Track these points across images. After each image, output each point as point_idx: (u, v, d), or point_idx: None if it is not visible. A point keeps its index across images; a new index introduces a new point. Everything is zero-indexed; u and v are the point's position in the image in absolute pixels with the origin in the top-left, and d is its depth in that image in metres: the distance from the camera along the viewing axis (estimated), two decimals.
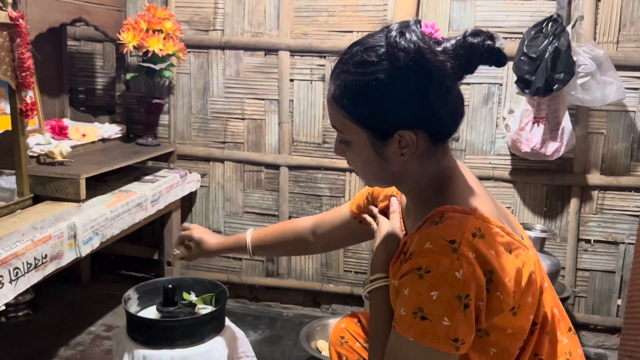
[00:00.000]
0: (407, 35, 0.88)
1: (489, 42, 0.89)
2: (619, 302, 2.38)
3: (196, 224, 1.58)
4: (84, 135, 2.16)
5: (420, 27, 0.91)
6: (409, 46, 0.88)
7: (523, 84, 2.09)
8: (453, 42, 0.91)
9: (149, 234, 2.67)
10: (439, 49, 0.90)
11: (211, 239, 1.51)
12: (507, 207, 2.37)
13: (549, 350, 1.00)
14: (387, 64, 0.89)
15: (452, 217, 0.91)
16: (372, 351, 1.06)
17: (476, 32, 0.89)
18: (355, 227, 1.36)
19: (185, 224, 1.57)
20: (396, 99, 0.90)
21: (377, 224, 1.19)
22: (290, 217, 2.56)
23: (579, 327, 2.43)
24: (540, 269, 0.99)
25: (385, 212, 1.21)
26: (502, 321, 0.91)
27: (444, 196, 0.96)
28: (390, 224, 1.15)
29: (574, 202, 2.33)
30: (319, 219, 1.44)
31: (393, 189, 1.22)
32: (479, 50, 0.89)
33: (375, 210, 1.23)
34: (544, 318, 0.98)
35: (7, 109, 1.67)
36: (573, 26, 2.07)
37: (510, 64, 2.21)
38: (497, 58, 0.90)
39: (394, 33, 0.89)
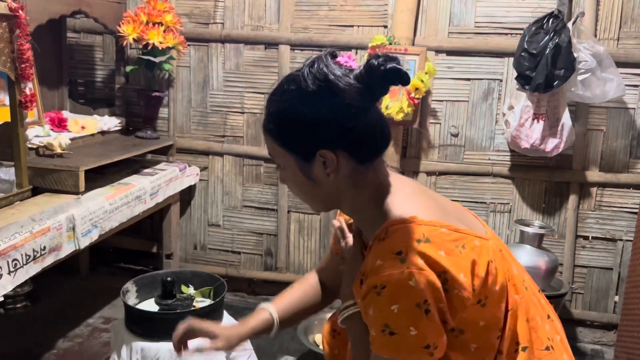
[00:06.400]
0: (316, 64, 0.96)
1: (390, 64, 0.92)
2: (616, 298, 2.39)
3: (204, 322, 1.28)
4: (83, 127, 2.16)
5: (334, 57, 0.99)
6: (316, 72, 0.96)
7: (523, 80, 2.09)
8: (362, 67, 0.96)
9: (148, 227, 2.67)
10: (351, 75, 0.95)
11: (233, 336, 1.25)
12: (506, 203, 2.38)
13: (531, 338, 1.02)
14: (299, 91, 0.97)
15: (396, 229, 0.94)
16: None
17: (378, 56, 0.94)
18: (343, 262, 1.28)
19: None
20: (310, 121, 0.97)
21: (346, 248, 1.19)
22: (289, 212, 2.56)
23: (576, 323, 2.44)
24: (504, 257, 1.02)
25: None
26: (471, 315, 0.94)
27: (384, 212, 1.00)
28: (353, 248, 1.17)
29: (572, 199, 2.33)
30: (319, 268, 1.41)
31: None
32: (377, 71, 0.93)
33: (344, 228, 1.21)
34: (514, 304, 1.00)
35: (7, 101, 1.66)
36: (574, 22, 2.07)
37: (511, 59, 2.21)
38: (398, 78, 0.93)
39: (306, 63, 0.98)
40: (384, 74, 0.93)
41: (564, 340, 1.10)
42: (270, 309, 1.31)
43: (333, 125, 0.97)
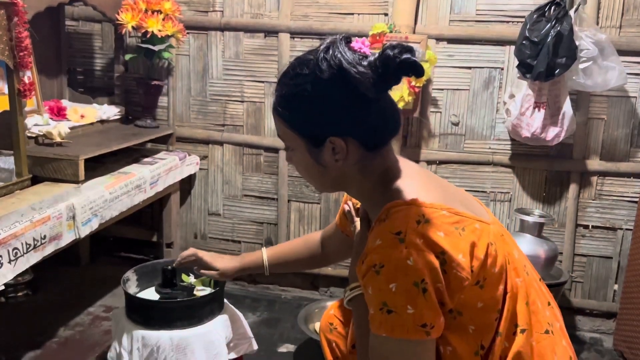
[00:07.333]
0: (331, 50, 0.96)
1: (405, 55, 0.93)
2: (616, 287, 2.40)
3: (193, 249, 1.58)
4: (82, 116, 2.15)
5: (349, 43, 0.99)
6: (330, 59, 0.96)
7: (524, 69, 2.08)
8: (377, 55, 0.96)
9: (148, 216, 2.68)
10: (365, 63, 0.95)
11: (228, 265, 1.55)
12: (506, 192, 2.38)
13: (531, 321, 1.03)
14: (313, 76, 0.97)
15: (397, 211, 0.95)
16: (361, 358, 1.08)
17: (394, 46, 0.94)
18: (345, 237, 1.40)
19: (186, 255, 1.57)
20: (322, 107, 0.98)
21: (354, 231, 1.23)
22: (289, 201, 2.56)
23: (575, 311, 2.45)
24: (505, 241, 1.03)
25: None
26: (469, 296, 0.95)
27: (388, 195, 1.01)
28: (360, 232, 1.19)
29: (572, 188, 2.33)
30: (324, 231, 1.51)
31: None
32: (393, 62, 0.93)
33: (353, 213, 1.28)
34: (514, 287, 1.01)
35: (5, 89, 1.65)
36: (576, 10, 2.05)
37: (512, 48, 2.20)
38: (413, 69, 0.94)
39: (321, 48, 0.98)
40: (399, 65, 0.93)
41: (563, 328, 1.11)
42: (264, 253, 1.54)
43: (344, 113, 0.98)
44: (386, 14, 2.32)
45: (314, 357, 2.10)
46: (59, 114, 2.11)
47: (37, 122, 1.93)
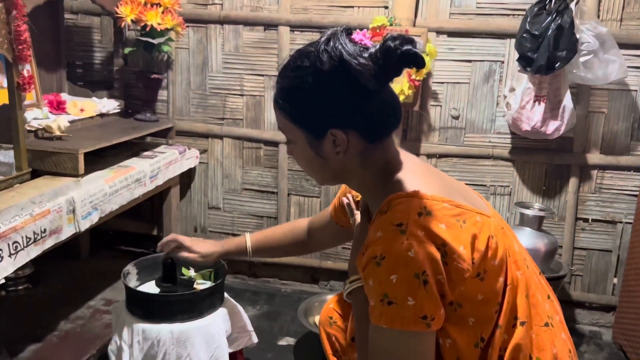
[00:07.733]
0: (332, 41, 0.96)
1: (406, 46, 0.92)
2: (615, 280, 2.40)
3: (174, 234, 1.60)
4: (82, 110, 2.15)
5: (350, 35, 0.99)
6: (331, 51, 0.95)
7: (525, 62, 2.07)
8: (377, 47, 0.96)
9: (148, 210, 2.68)
10: (365, 54, 0.95)
11: (209, 249, 1.55)
12: (506, 186, 2.38)
13: (531, 313, 1.03)
14: (314, 68, 0.97)
15: (398, 203, 0.95)
16: (360, 350, 1.09)
17: (395, 37, 0.93)
18: (338, 228, 1.41)
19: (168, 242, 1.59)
20: (323, 99, 0.98)
21: (354, 224, 1.24)
22: (289, 195, 2.56)
23: (574, 305, 2.45)
24: (505, 234, 1.04)
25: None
26: (470, 289, 0.95)
27: (389, 187, 1.01)
28: (360, 224, 1.19)
29: (572, 182, 2.33)
30: (313, 219, 1.52)
31: None
32: (394, 53, 0.93)
33: (352, 206, 1.29)
34: (514, 279, 1.01)
35: (4, 83, 1.65)
36: (577, 3, 2.04)
37: (512, 41, 2.20)
38: (414, 61, 0.93)
39: (322, 40, 0.97)
40: (401, 56, 0.92)
41: (563, 321, 1.11)
42: (247, 238, 1.55)
43: (345, 105, 0.97)
44: (386, 7, 2.31)
45: (314, 350, 2.10)
46: (58, 107, 2.11)
47: (36, 116, 1.92)
